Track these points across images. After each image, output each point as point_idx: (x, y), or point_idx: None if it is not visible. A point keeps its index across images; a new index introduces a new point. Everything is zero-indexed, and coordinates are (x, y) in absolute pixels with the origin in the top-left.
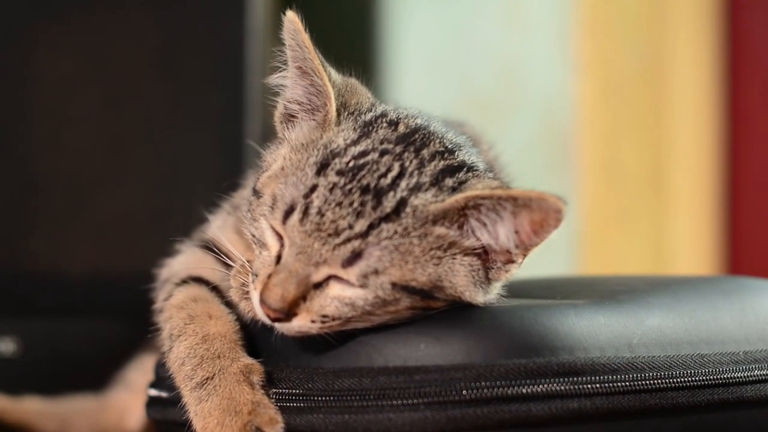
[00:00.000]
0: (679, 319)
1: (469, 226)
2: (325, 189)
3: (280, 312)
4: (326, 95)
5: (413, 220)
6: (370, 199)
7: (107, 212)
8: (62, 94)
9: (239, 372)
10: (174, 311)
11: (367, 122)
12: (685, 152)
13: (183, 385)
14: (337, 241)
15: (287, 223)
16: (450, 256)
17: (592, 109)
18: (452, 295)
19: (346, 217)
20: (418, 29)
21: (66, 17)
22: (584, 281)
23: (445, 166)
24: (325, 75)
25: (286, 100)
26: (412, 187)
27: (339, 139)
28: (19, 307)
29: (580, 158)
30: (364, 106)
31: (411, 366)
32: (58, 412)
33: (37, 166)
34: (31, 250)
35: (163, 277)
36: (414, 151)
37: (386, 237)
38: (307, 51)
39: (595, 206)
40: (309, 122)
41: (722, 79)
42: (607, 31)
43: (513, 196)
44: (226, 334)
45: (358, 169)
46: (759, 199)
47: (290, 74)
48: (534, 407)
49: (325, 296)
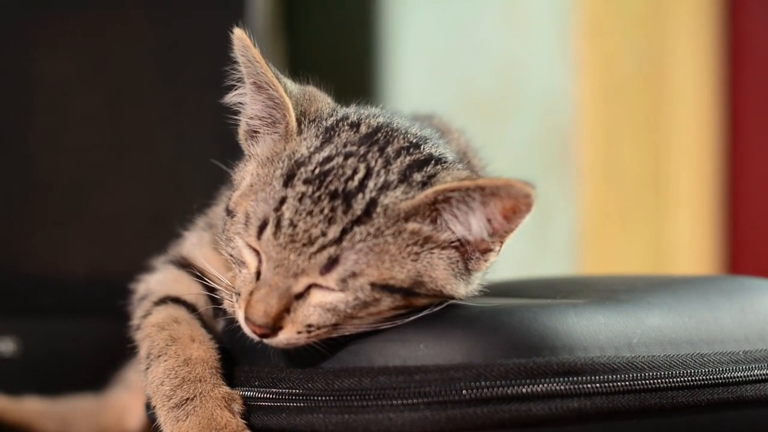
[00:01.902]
0: (679, 318)
1: (442, 220)
2: (295, 200)
3: (266, 327)
4: (284, 107)
5: (385, 219)
6: (340, 204)
7: (107, 212)
8: (62, 94)
9: (221, 398)
10: (154, 330)
11: (329, 127)
12: (685, 152)
13: (160, 404)
14: (313, 250)
15: (262, 238)
16: (427, 251)
17: (592, 109)
18: (433, 289)
19: (318, 225)
20: (418, 29)
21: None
22: (584, 281)
23: (412, 161)
24: (280, 87)
25: (247, 116)
26: (380, 186)
27: (302, 148)
28: (19, 307)
29: (580, 158)
30: (325, 112)
31: (411, 366)
32: (58, 412)
33: (37, 166)
34: (31, 250)
35: (139, 294)
36: (378, 150)
37: (360, 240)
38: (259, 66)
39: (595, 206)
40: (272, 136)
41: (722, 79)
42: (607, 31)
43: (480, 186)
44: (208, 360)
45: (324, 176)
46: (759, 199)
47: (246, 91)
48: (534, 407)
49: (307, 305)
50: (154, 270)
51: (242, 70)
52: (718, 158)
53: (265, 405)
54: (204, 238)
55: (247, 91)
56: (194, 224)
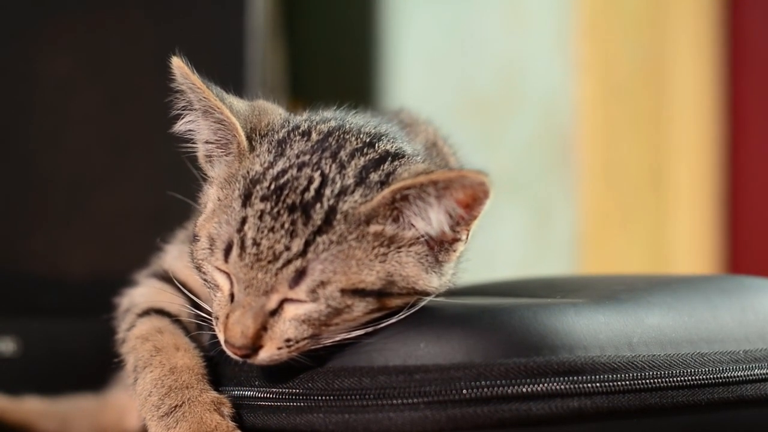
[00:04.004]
0: (679, 317)
1: (404, 217)
2: (255, 218)
3: (246, 348)
4: (232, 127)
5: (346, 225)
6: (300, 217)
7: (107, 212)
8: (62, 94)
9: (209, 402)
10: (138, 342)
11: (281, 140)
12: (685, 152)
13: (150, 416)
14: (279, 266)
15: (229, 261)
16: (394, 251)
17: (592, 109)
18: (406, 287)
19: (281, 240)
20: (418, 29)
21: (66, 17)
22: (584, 280)
23: (367, 161)
24: (225, 108)
25: (201, 142)
26: (337, 192)
27: (256, 166)
28: (19, 307)
29: (580, 158)
30: (277, 125)
31: (411, 365)
32: (58, 412)
33: (38, 166)
34: (31, 250)
35: (123, 307)
36: (331, 155)
37: (324, 249)
38: (201, 91)
39: (595, 206)
40: (226, 157)
41: (722, 79)
42: (607, 31)
43: (433, 180)
44: (193, 367)
45: (280, 190)
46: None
47: (193, 117)
48: (534, 406)
49: (283, 321)
50: (137, 283)
51: (185, 98)
52: (718, 158)
53: (265, 405)
54: (184, 252)
55: (194, 118)
56: (175, 237)
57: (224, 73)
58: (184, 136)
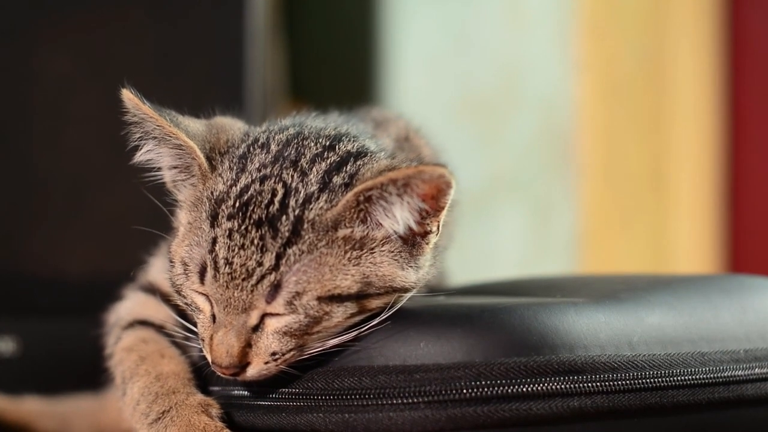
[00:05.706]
0: (680, 317)
1: (371, 217)
2: (224, 238)
3: (233, 366)
4: (190, 150)
5: (315, 233)
6: (268, 231)
7: (107, 212)
8: (62, 93)
9: (197, 404)
10: (124, 354)
11: (242, 155)
12: (685, 152)
13: (139, 424)
14: (253, 282)
15: (205, 282)
16: (367, 252)
17: (592, 109)
18: (383, 286)
19: (252, 256)
20: (418, 29)
21: (66, 17)
22: (584, 280)
23: (328, 165)
24: (180, 133)
25: (165, 168)
26: (302, 202)
27: (219, 185)
28: (19, 307)
29: (580, 158)
30: (236, 140)
31: (411, 365)
32: (58, 411)
33: (37, 166)
34: (30, 250)
35: (110, 322)
36: (291, 164)
37: (296, 260)
38: (154, 120)
39: (595, 206)
40: (191, 180)
41: (723, 79)
42: (607, 31)
43: (392, 179)
44: (179, 372)
45: (246, 207)
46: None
47: (152, 146)
48: (534, 406)
49: (266, 335)
50: (123, 298)
51: (141, 129)
52: (719, 157)
53: (265, 405)
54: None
55: (152, 147)
56: (158, 249)
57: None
58: (146, 166)
